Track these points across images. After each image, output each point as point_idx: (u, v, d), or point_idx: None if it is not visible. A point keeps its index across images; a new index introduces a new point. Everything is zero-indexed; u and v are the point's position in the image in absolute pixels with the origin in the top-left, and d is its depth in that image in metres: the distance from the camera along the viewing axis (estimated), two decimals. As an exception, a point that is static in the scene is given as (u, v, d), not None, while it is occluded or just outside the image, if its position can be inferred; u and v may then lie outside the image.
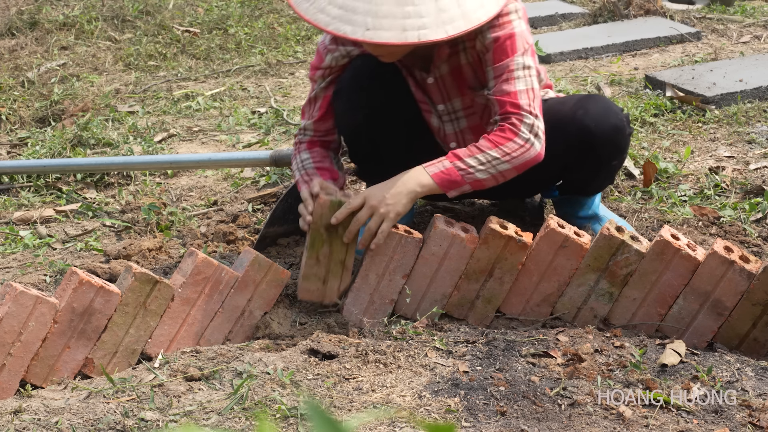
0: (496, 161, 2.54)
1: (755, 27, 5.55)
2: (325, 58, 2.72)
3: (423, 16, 2.38)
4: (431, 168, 2.53)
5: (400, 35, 2.37)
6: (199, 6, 6.11)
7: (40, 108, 4.42)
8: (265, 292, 2.56)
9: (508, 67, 2.57)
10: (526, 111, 2.55)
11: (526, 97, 2.56)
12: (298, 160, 2.79)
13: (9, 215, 3.44)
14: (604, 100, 2.78)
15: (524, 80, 2.57)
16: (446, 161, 2.54)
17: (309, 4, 2.44)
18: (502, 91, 2.56)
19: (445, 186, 2.53)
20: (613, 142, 2.74)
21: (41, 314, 2.34)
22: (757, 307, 2.51)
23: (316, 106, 2.79)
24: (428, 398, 2.18)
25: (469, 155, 2.54)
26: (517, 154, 2.54)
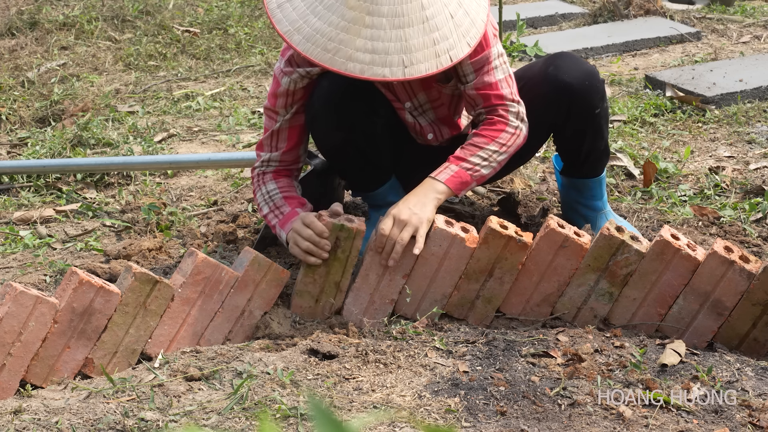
0: (495, 154, 2.61)
1: (755, 27, 5.55)
2: (281, 82, 2.66)
3: (448, 37, 2.42)
4: (441, 175, 2.57)
5: (435, 63, 2.40)
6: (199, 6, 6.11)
7: (40, 108, 4.42)
8: (265, 292, 2.56)
9: (486, 60, 2.61)
10: (510, 100, 2.63)
11: (506, 85, 2.64)
12: (263, 191, 2.74)
13: (9, 215, 3.44)
14: (570, 54, 2.85)
15: (501, 68, 2.64)
16: (452, 165, 2.59)
17: (332, 55, 2.37)
18: (484, 83, 2.62)
19: (458, 188, 2.59)
20: (590, 86, 2.77)
21: (41, 314, 2.34)
22: (757, 307, 2.50)
23: (281, 137, 2.74)
24: (428, 398, 2.18)
25: (471, 154, 2.59)
26: (510, 143, 2.63)
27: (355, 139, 2.74)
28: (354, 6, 2.37)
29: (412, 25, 2.37)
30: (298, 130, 2.76)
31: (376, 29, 2.36)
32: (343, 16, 2.37)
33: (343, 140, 2.73)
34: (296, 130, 2.75)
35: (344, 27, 2.36)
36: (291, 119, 2.73)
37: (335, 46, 2.37)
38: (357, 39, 2.36)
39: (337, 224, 2.53)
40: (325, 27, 2.37)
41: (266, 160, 2.77)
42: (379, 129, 2.78)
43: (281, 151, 2.76)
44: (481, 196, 3.42)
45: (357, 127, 2.72)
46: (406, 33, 2.37)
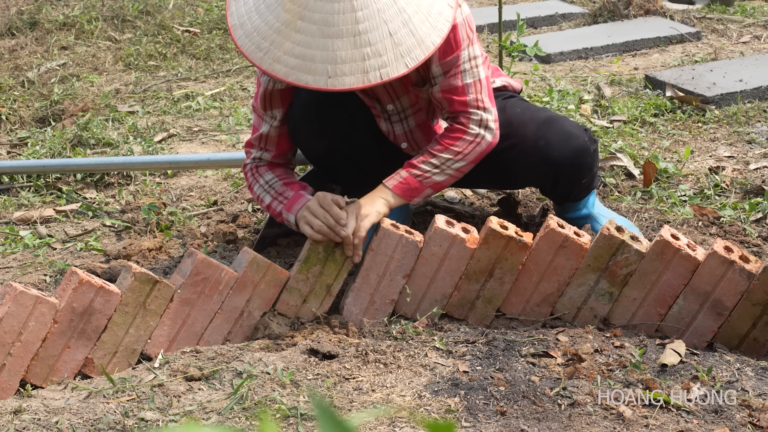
0: (449, 161, 2.59)
1: (755, 27, 5.55)
2: (261, 81, 2.68)
3: (381, 54, 2.36)
4: (390, 181, 2.58)
5: (362, 78, 2.36)
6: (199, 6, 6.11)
7: (40, 108, 4.42)
8: (264, 292, 2.56)
9: (455, 62, 2.57)
10: (474, 107, 2.59)
11: (473, 90, 2.59)
12: (262, 182, 2.74)
13: (9, 215, 3.44)
14: (563, 123, 2.77)
15: (471, 72, 2.58)
16: (403, 171, 2.59)
17: (263, 54, 2.38)
18: (449, 86, 2.58)
19: (406, 195, 2.58)
20: (578, 165, 2.77)
21: (41, 314, 2.34)
22: (757, 307, 2.50)
23: (269, 142, 2.75)
24: (428, 398, 2.18)
25: (423, 161, 2.58)
26: (468, 150, 2.60)
27: (338, 146, 2.75)
28: (288, 9, 2.35)
29: (341, 37, 2.33)
30: (286, 139, 2.77)
31: (305, 35, 2.34)
32: (278, 18, 2.37)
33: (326, 148, 2.74)
34: (284, 138, 2.76)
35: (277, 29, 2.36)
36: (279, 128, 2.73)
37: (267, 46, 2.37)
38: (286, 42, 2.35)
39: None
40: (262, 26, 2.38)
41: (257, 158, 2.78)
42: (362, 134, 2.79)
43: (271, 155, 2.76)
44: (481, 196, 3.43)
45: (339, 134, 2.73)
46: (335, 44, 2.33)
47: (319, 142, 2.75)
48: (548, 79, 4.65)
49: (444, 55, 2.55)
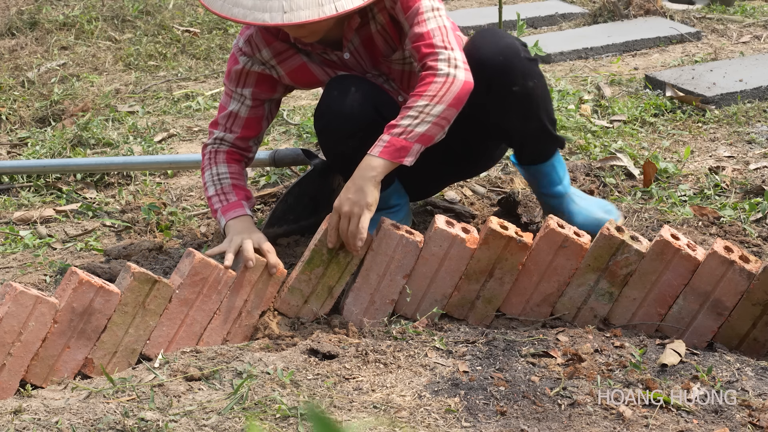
0: (427, 108, 2.49)
1: (755, 27, 5.55)
2: (239, 60, 2.74)
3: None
4: (375, 149, 2.51)
5: (318, 11, 2.41)
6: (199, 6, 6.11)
7: (40, 108, 4.42)
8: (262, 291, 2.56)
9: (417, 11, 2.59)
10: (440, 47, 2.56)
11: (438, 33, 2.57)
12: (214, 172, 2.78)
13: (9, 215, 3.43)
14: (495, 30, 2.81)
15: (434, 20, 2.59)
16: (384, 136, 2.51)
17: (222, 2, 2.47)
18: (415, 35, 2.58)
19: (395, 156, 2.49)
20: (504, 62, 2.70)
21: (41, 314, 2.34)
22: (757, 307, 2.50)
23: (236, 122, 2.80)
24: (428, 398, 2.18)
25: (400, 117, 2.51)
26: (443, 92, 2.50)
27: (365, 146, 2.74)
28: None
29: None
30: (256, 122, 2.81)
31: None
32: None
33: (354, 149, 2.70)
34: (254, 121, 2.81)
35: None
36: (251, 110, 2.79)
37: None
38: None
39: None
40: None
41: (219, 138, 2.81)
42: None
43: (235, 136, 2.81)
44: (481, 196, 3.43)
45: (368, 135, 2.70)
46: None
47: (347, 143, 2.72)
48: (548, 79, 4.65)
49: (406, 8, 2.60)
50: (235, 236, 2.59)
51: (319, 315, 2.60)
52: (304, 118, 4.23)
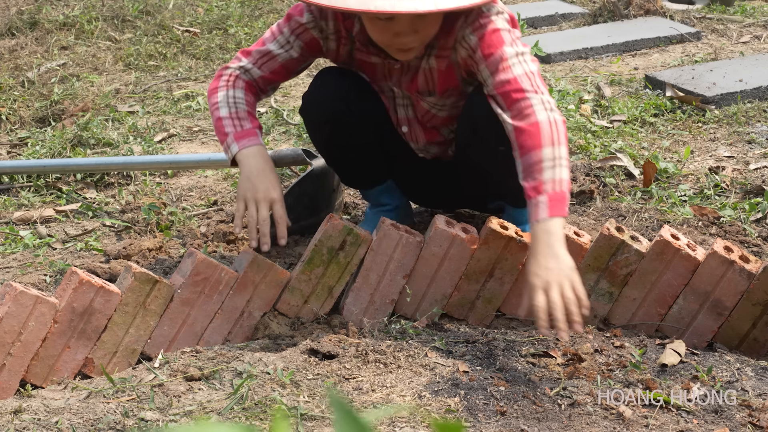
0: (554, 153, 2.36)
1: (755, 27, 5.55)
2: (305, 15, 2.60)
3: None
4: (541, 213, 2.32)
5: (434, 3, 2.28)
6: (199, 6, 6.11)
7: (40, 108, 4.42)
8: (265, 293, 2.56)
9: (501, 57, 2.47)
10: (531, 91, 2.43)
11: (526, 78, 2.45)
12: (230, 94, 2.61)
13: (9, 215, 3.43)
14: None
15: (520, 65, 2.47)
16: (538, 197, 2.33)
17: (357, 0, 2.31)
18: (500, 82, 2.46)
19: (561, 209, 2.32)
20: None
21: (41, 314, 2.34)
22: (757, 307, 2.50)
23: (270, 63, 2.66)
24: (428, 398, 2.18)
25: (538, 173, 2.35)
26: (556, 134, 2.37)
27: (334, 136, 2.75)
28: None
29: None
30: (285, 72, 2.71)
31: None
32: None
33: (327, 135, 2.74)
34: (285, 70, 2.69)
35: None
36: (289, 60, 2.66)
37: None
38: None
39: (347, 227, 2.53)
40: None
41: (245, 68, 2.67)
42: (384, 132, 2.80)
43: (262, 74, 2.67)
44: (481, 196, 3.43)
45: (334, 127, 2.72)
46: None
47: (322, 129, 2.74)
48: (548, 79, 4.65)
49: (488, 54, 2.48)
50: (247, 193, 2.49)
51: (319, 315, 2.60)
52: (304, 118, 4.23)
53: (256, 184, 2.51)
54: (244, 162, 2.52)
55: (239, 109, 2.57)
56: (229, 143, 2.55)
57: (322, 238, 2.54)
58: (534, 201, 2.33)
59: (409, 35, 2.42)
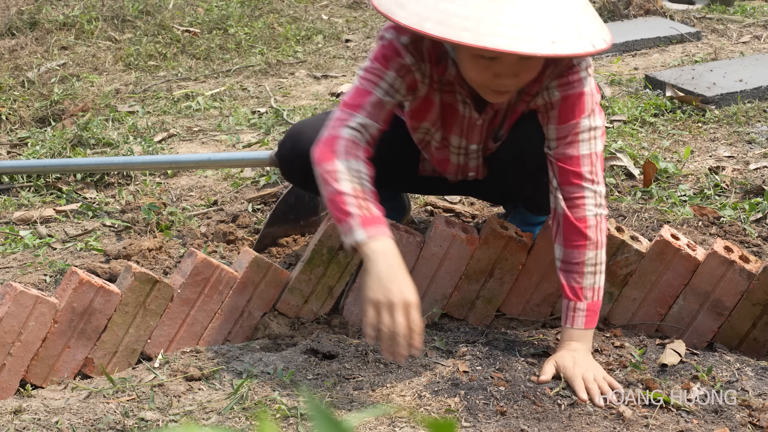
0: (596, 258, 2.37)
1: (755, 27, 5.55)
2: (405, 55, 2.32)
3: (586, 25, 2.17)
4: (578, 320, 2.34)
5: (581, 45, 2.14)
6: (199, 6, 6.11)
7: (40, 108, 4.42)
8: (265, 293, 2.56)
9: (574, 128, 2.36)
10: (588, 180, 2.37)
11: (588, 162, 2.37)
12: (353, 165, 2.23)
13: (9, 215, 3.43)
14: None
15: (588, 143, 2.37)
16: (579, 303, 2.34)
17: (472, 33, 2.10)
18: (563, 155, 2.37)
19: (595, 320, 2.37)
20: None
21: (41, 314, 2.34)
22: (757, 307, 2.50)
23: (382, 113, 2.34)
24: (428, 398, 2.18)
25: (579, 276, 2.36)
26: (600, 236, 2.37)
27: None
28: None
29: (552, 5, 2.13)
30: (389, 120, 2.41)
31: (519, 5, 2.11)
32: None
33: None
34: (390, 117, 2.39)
35: (482, 5, 2.11)
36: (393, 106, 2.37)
37: (475, 25, 2.10)
38: (498, 15, 2.10)
39: None
40: (459, 9, 2.12)
41: (364, 125, 2.30)
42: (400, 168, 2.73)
43: (378, 127, 2.33)
44: (481, 196, 3.43)
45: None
46: (549, 10, 2.12)
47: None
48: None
49: (563, 119, 2.36)
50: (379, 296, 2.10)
51: (319, 315, 2.60)
52: (303, 118, 4.23)
53: (389, 286, 2.11)
54: (372, 258, 2.13)
55: (365, 187, 2.21)
56: (353, 227, 2.16)
57: (322, 238, 2.54)
58: (572, 305, 2.34)
59: (510, 78, 2.25)
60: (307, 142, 2.48)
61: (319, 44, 5.53)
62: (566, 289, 2.36)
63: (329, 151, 2.24)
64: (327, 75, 5.01)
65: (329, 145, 2.25)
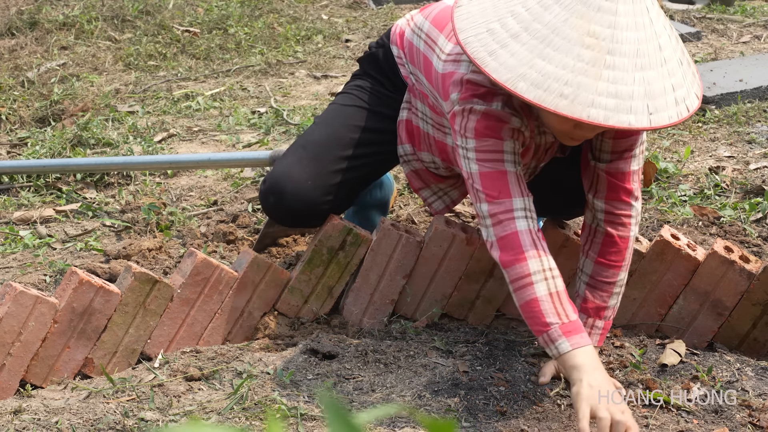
0: (624, 279, 2.35)
1: (755, 27, 5.55)
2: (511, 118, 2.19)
3: (682, 84, 2.07)
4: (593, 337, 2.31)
5: (676, 111, 2.04)
6: (199, 6, 6.11)
7: (40, 108, 4.42)
8: (264, 293, 2.56)
9: (632, 144, 2.28)
10: (635, 197, 2.32)
11: (637, 178, 2.33)
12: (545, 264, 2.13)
13: (9, 215, 3.43)
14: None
15: (638, 159, 2.32)
16: (598, 321, 2.32)
17: (570, 101, 1.99)
18: (617, 170, 2.29)
19: (603, 339, 2.36)
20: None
21: (41, 314, 2.34)
22: (757, 307, 2.50)
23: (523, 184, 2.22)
24: (428, 398, 2.18)
25: (608, 295, 2.32)
26: (630, 257, 2.35)
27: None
28: (591, 45, 2.00)
29: (652, 68, 2.02)
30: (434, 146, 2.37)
31: (619, 71, 2.00)
32: (579, 57, 1.99)
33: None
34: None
35: (581, 69, 1.99)
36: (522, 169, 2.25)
37: (573, 91, 1.99)
38: (598, 82, 1.99)
39: (347, 227, 2.53)
40: (557, 70, 2.00)
41: (526, 209, 2.18)
42: None
43: (531, 198, 2.21)
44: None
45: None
46: (648, 76, 2.01)
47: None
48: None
49: (624, 134, 2.25)
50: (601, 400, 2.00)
51: (319, 315, 2.60)
52: (303, 118, 4.23)
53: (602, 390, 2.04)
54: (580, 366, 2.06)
55: (558, 288, 2.13)
56: (554, 338, 2.09)
57: (322, 238, 2.54)
58: (590, 321, 2.32)
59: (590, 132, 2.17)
60: (288, 197, 2.50)
61: (319, 44, 5.53)
62: (589, 306, 2.31)
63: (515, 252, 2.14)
64: (327, 75, 5.01)
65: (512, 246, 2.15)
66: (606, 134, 2.27)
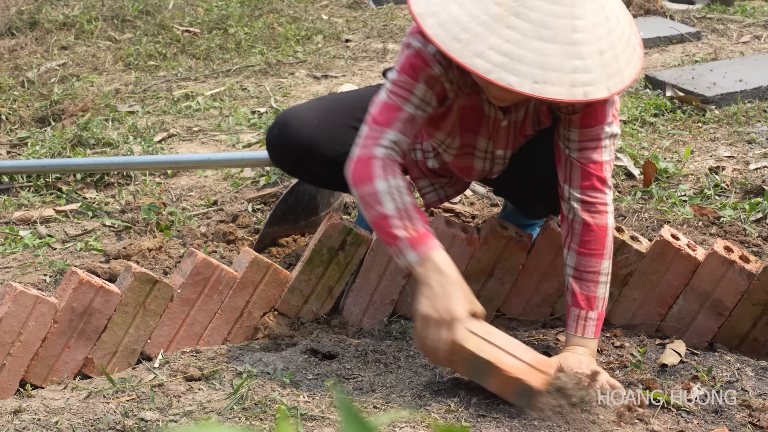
0: (609, 267, 2.37)
1: (755, 27, 5.55)
2: (433, 65, 2.25)
3: (590, 71, 2.09)
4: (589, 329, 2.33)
5: (568, 91, 2.07)
6: (199, 6, 6.11)
7: (40, 108, 4.42)
8: (265, 293, 2.56)
9: (598, 134, 2.33)
10: (608, 186, 2.36)
11: (609, 168, 2.37)
12: (392, 183, 2.21)
13: (9, 215, 3.43)
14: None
15: (608, 150, 2.36)
16: (591, 313, 2.33)
17: (461, 46, 2.06)
18: (588, 158, 2.34)
19: (600, 329, 2.36)
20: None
21: (41, 314, 2.34)
22: (757, 307, 2.50)
23: (413, 127, 2.28)
24: (428, 398, 2.18)
25: (594, 284, 2.34)
26: (611, 245, 2.37)
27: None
28: (501, 2, 2.07)
29: (555, 43, 2.06)
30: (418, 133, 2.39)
31: (517, 33, 2.06)
32: (487, 11, 2.07)
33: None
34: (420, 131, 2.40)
35: (484, 22, 2.06)
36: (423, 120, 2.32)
37: (467, 38, 2.06)
38: (492, 37, 2.06)
39: (347, 227, 2.53)
40: (463, 16, 2.08)
41: (396, 142, 2.25)
42: None
43: (409, 140, 2.27)
44: (481, 196, 3.43)
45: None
46: (548, 48, 2.06)
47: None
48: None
49: (586, 123, 2.33)
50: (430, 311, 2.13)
51: (319, 315, 2.60)
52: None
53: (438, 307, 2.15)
54: (425, 279, 2.16)
55: (406, 204, 2.20)
56: (403, 250, 2.17)
57: (322, 238, 2.54)
58: (583, 313, 2.33)
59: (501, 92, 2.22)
60: (294, 130, 2.54)
61: (319, 44, 5.53)
62: (578, 298, 2.34)
63: (366, 173, 2.22)
64: (327, 75, 5.02)
65: (365, 166, 2.23)
66: (572, 124, 2.33)
